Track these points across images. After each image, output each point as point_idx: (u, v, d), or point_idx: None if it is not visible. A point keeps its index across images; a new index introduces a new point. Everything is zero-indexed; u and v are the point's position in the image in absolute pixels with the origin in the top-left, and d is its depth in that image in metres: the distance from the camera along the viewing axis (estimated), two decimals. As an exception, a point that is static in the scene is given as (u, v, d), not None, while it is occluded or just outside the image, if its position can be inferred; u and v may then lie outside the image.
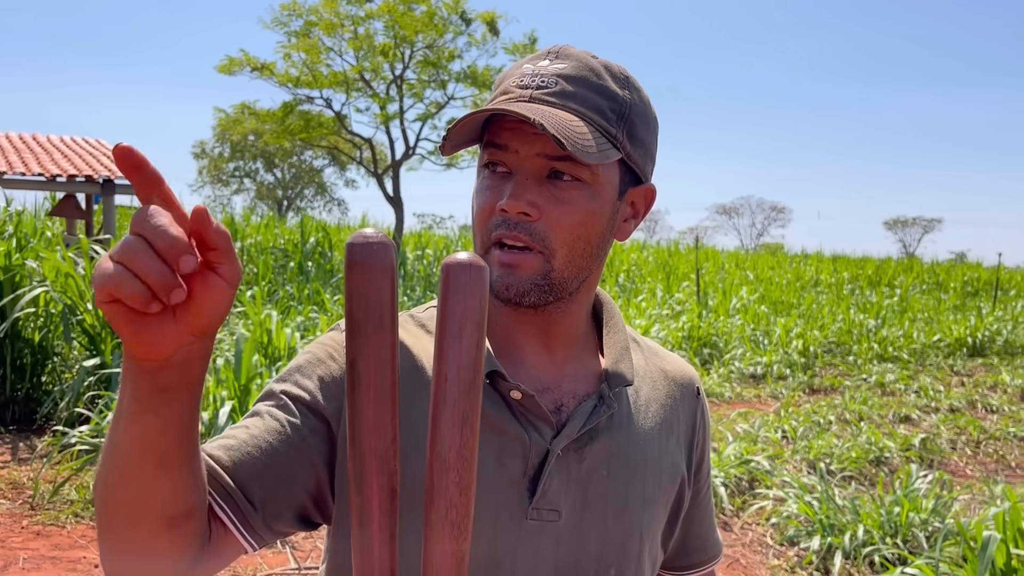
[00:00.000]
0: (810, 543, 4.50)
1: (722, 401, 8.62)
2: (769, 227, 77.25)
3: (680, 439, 1.03)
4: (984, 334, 13.79)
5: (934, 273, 25.64)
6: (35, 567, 3.83)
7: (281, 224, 20.21)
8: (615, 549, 0.93)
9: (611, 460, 0.93)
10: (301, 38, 16.91)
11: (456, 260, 0.60)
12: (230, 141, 36.87)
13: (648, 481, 0.96)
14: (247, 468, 0.81)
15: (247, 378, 5.04)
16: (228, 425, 4.62)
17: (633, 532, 0.94)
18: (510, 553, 0.87)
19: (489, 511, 0.85)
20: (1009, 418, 8.20)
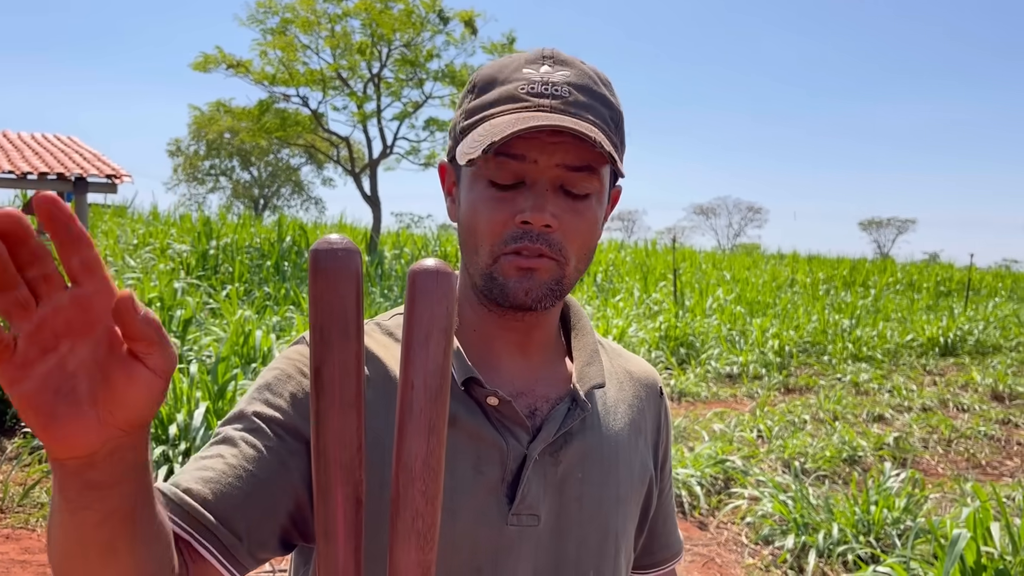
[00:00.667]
0: (784, 542, 4.52)
1: (698, 401, 8.66)
2: (746, 227, 77.72)
3: (647, 438, 1.04)
4: (956, 334, 13.94)
5: (907, 274, 25.88)
6: (4, 571, 3.79)
7: (257, 223, 20.08)
8: (593, 551, 0.93)
9: (585, 462, 0.93)
10: (277, 35, 16.77)
11: (423, 267, 0.60)
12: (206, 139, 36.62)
13: (621, 481, 0.97)
14: (228, 501, 0.78)
15: (223, 379, 5.01)
16: (203, 426, 4.61)
17: (609, 533, 0.95)
18: (491, 560, 0.87)
19: (469, 518, 0.85)
20: (980, 417, 8.29)
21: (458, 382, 0.87)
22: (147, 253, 12.67)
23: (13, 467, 5.22)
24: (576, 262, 0.88)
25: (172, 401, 4.85)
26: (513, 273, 0.85)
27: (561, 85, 0.85)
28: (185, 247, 13.48)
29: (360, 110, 17.29)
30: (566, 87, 0.85)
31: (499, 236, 0.85)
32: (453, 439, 0.83)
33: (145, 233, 15.24)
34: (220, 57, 16.80)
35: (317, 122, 18.12)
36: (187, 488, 0.77)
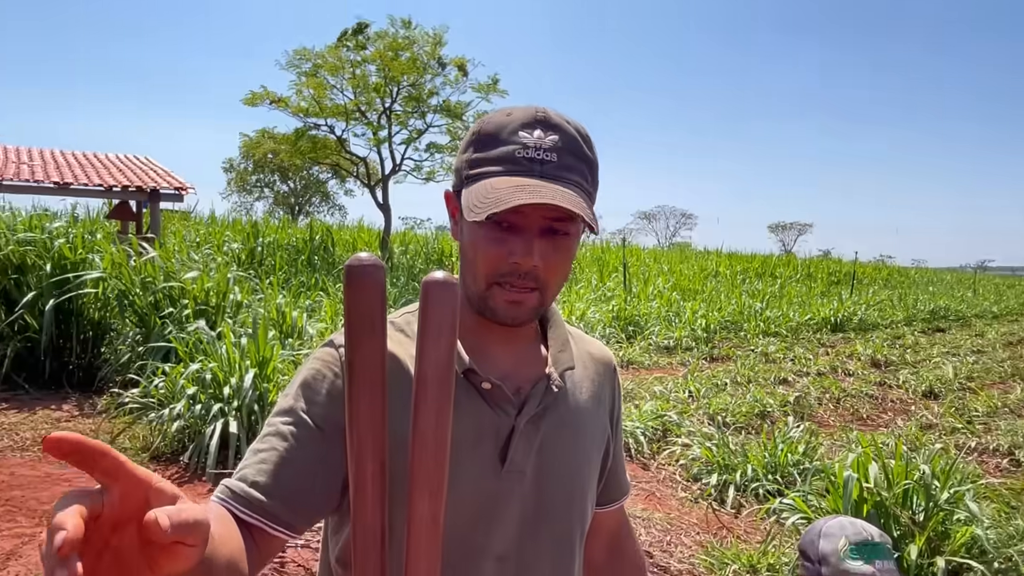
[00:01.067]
0: (710, 479, 4.55)
1: (642, 368, 8.70)
2: (679, 230, 77.92)
3: (605, 407, 1.04)
4: (844, 314, 14.09)
5: (806, 267, 26.09)
6: (93, 503, 3.76)
7: (293, 225, 19.96)
8: (565, 497, 0.94)
9: (560, 428, 0.93)
10: (310, 77, 16.74)
11: (434, 278, 0.59)
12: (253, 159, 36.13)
13: (586, 443, 0.98)
14: (284, 486, 0.80)
15: (265, 351, 4.97)
16: (251, 388, 4.57)
17: (577, 483, 0.96)
18: (490, 506, 0.88)
19: (472, 476, 0.86)
20: (862, 380, 8.36)
21: (459, 372, 0.87)
22: (207, 250, 12.54)
23: (103, 419, 5.19)
24: (555, 288, 0.88)
25: (227, 368, 4.81)
26: (503, 304, 0.85)
27: (550, 151, 0.84)
28: (237, 245, 13.36)
29: (375, 136, 17.35)
30: (553, 153, 0.84)
31: (493, 269, 0.84)
32: (457, 417, 0.82)
33: (205, 233, 15.09)
34: (265, 94, 16.80)
35: (341, 146, 18.19)
36: (253, 482, 0.79)
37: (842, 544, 1.38)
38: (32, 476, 4.12)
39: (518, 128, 0.85)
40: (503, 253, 0.83)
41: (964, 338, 13.36)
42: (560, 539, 0.94)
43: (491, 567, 0.88)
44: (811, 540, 1.44)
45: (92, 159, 14.51)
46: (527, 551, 0.90)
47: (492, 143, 0.85)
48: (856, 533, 1.40)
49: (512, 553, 0.89)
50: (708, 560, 3.40)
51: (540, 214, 0.82)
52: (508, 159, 0.83)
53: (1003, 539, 3.39)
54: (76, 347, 6.33)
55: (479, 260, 0.85)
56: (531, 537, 0.91)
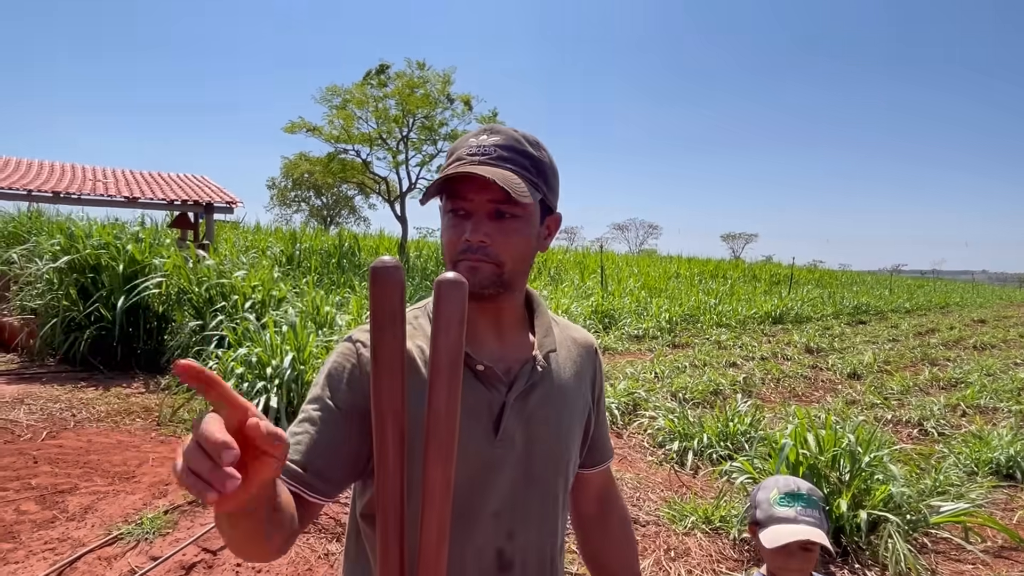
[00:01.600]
0: (672, 446, 4.55)
1: (616, 353, 8.70)
2: (647, 238, 77.94)
3: (586, 383, 1.03)
4: (783, 309, 14.11)
5: (751, 270, 26.14)
6: (160, 464, 3.74)
7: (326, 234, 19.89)
8: (551, 460, 0.93)
9: (545, 403, 0.92)
10: (340, 110, 16.71)
11: (446, 278, 0.59)
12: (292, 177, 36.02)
13: (569, 415, 0.97)
14: (317, 462, 0.81)
15: (302, 337, 4.94)
16: (289, 368, 4.54)
17: (561, 448, 0.95)
18: (484, 472, 0.87)
19: (470, 447, 0.85)
20: (797, 364, 8.37)
21: None
22: (253, 254, 12.49)
23: (165, 395, 5.16)
24: (512, 263, 0.87)
25: (270, 351, 4.78)
26: (464, 271, 0.86)
27: (489, 147, 0.85)
28: (278, 249, 13.31)
29: (394, 160, 17.35)
30: (492, 148, 0.85)
31: (455, 248, 0.86)
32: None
33: (252, 240, 15.03)
34: (302, 123, 16.77)
35: (366, 167, 18.17)
36: (292, 460, 0.80)
37: (773, 493, 1.41)
38: (106, 443, 4.10)
39: (470, 137, 0.89)
40: (458, 234, 0.85)
41: (882, 329, 13.41)
42: (546, 496, 0.93)
43: (488, 522, 0.88)
44: (755, 491, 1.47)
45: (156, 177, 14.43)
46: (518, 507, 0.90)
47: (452, 152, 0.89)
48: (786, 485, 1.43)
49: (505, 509, 0.89)
50: (671, 513, 3.40)
51: (484, 198, 0.84)
52: (457, 158, 0.87)
53: (914, 495, 3.40)
54: (143, 335, 6.31)
55: (444, 244, 0.88)
56: (521, 495, 0.90)
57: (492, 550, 0.88)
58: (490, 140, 0.86)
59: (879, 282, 33.25)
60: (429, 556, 0.58)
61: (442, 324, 0.58)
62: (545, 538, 0.93)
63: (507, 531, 0.89)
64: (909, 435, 5.45)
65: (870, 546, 3.05)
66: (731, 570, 2.87)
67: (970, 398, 6.60)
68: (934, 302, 22.47)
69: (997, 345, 11.76)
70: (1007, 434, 4.88)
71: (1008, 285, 62.88)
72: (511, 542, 0.89)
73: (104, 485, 3.40)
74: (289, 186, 39.74)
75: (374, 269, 0.57)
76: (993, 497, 4.00)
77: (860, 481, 3.24)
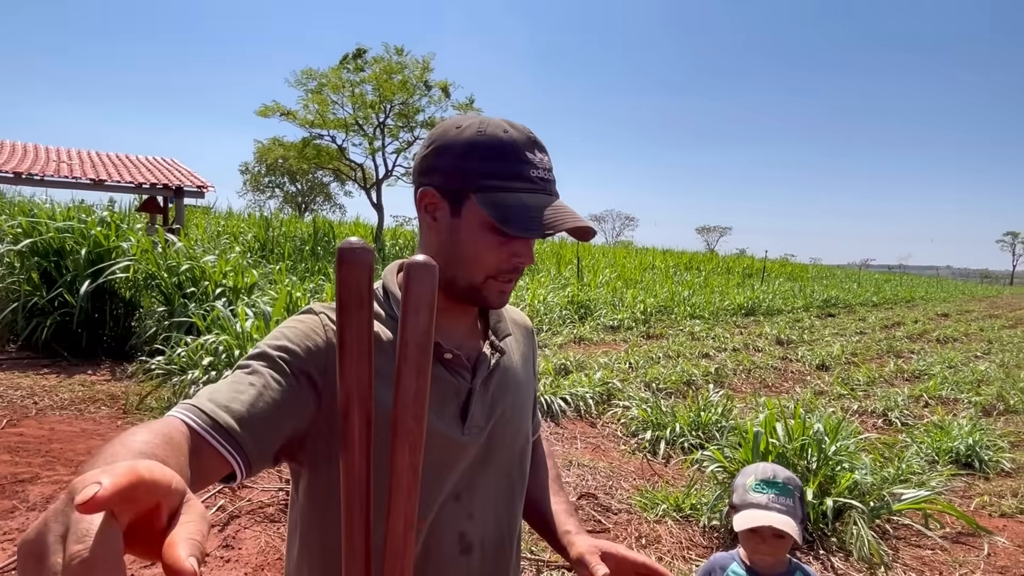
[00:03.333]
0: (645, 435, 4.59)
1: (591, 343, 8.74)
2: (624, 230, 78.52)
3: (530, 363, 1.05)
4: (755, 302, 14.32)
5: (725, 263, 26.47)
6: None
7: (300, 221, 19.62)
8: (511, 441, 0.94)
9: (505, 387, 0.93)
10: (315, 94, 16.41)
11: (415, 261, 0.57)
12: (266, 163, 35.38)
13: (523, 395, 0.98)
14: (256, 420, 0.71)
15: (274, 325, 4.86)
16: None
17: (520, 429, 0.96)
18: (450, 458, 0.86)
19: (439, 434, 0.85)
20: (768, 355, 8.51)
21: None
22: (225, 239, 12.25)
23: (131, 383, 5.05)
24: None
25: (239, 339, 4.70)
26: (495, 293, 0.85)
27: (550, 171, 0.84)
28: (251, 235, 13.09)
29: (370, 146, 17.10)
30: (552, 173, 0.84)
31: (495, 267, 0.83)
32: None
33: (224, 225, 14.73)
34: (276, 107, 16.43)
35: (341, 154, 17.90)
36: (226, 407, 0.70)
37: (750, 479, 1.45)
38: (70, 431, 3.99)
39: (523, 149, 0.82)
40: (507, 254, 0.83)
41: (850, 322, 13.69)
42: (504, 476, 0.94)
43: (450, 505, 0.87)
44: (739, 475, 1.51)
45: (124, 159, 14.06)
46: (478, 489, 0.90)
47: (501, 158, 0.80)
48: (763, 472, 1.47)
49: (465, 492, 0.88)
50: (643, 501, 3.44)
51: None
52: (526, 178, 0.81)
53: (877, 482, 3.48)
54: (109, 321, 6.15)
55: (485, 258, 0.82)
56: (480, 477, 0.90)
57: (454, 533, 0.87)
58: (547, 160, 0.84)
59: (848, 276, 33.93)
60: (396, 544, 0.57)
61: (412, 307, 0.56)
62: (504, 518, 0.94)
63: (467, 513, 0.89)
64: (874, 425, 5.59)
65: (836, 533, 3.12)
66: (700, 557, 2.91)
67: (932, 389, 6.78)
68: (900, 296, 23.02)
69: (959, 338, 12.10)
70: (966, 424, 5.03)
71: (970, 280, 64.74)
72: (471, 523, 0.89)
73: (67, 474, 3.31)
74: (263, 171, 39.03)
75: (341, 250, 0.55)
76: (952, 485, 4.13)
77: (827, 469, 3.31)
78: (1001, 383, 7.34)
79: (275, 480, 3.37)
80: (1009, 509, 3.77)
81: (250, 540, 2.78)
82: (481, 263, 0.83)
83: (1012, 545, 3.28)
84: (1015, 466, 4.58)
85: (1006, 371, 8.40)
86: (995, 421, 5.88)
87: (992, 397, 6.63)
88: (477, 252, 0.82)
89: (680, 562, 2.86)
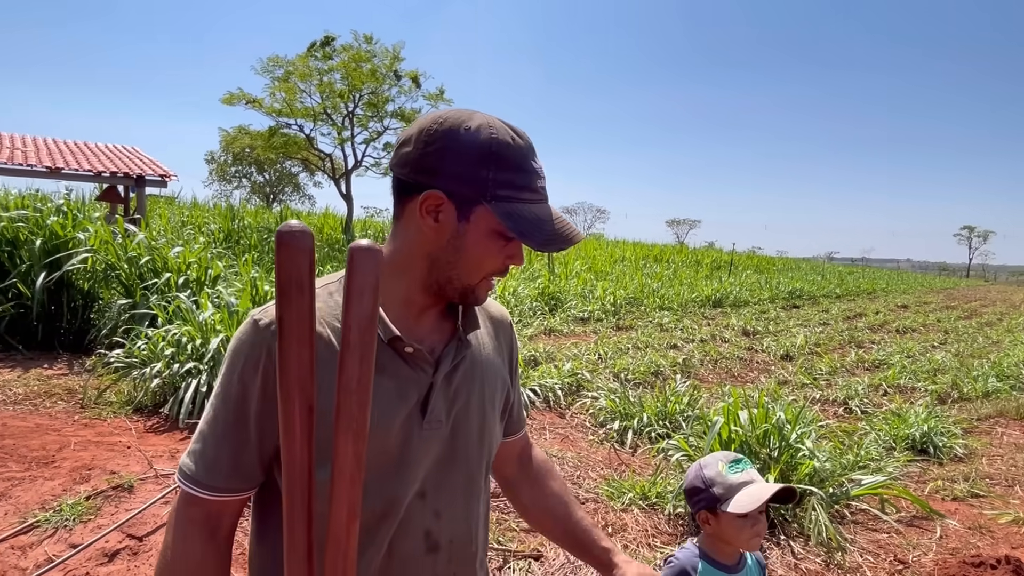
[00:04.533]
0: (613, 425, 4.62)
1: (562, 335, 8.77)
2: (595, 223, 78.94)
3: (504, 358, 1.03)
4: (722, 293, 14.53)
5: (694, 255, 26.80)
6: (83, 448, 3.55)
7: (268, 211, 19.25)
8: (475, 438, 0.93)
9: (469, 381, 0.92)
10: (282, 82, 16.08)
11: (359, 245, 0.55)
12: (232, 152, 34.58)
13: (491, 391, 0.96)
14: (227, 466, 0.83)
15: (237, 316, 4.77)
16: (217, 348, 4.37)
17: (485, 425, 0.95)
18: (413, 453, 0.85)
19: (398, 428, 0.84)
20: (734, 346, 8.64)
21: (384, 339, 0.83)
22: (189, 230, 11.97)
23: (90, 376, 4.91)
24: None
25: (203, 331, 4.60)
26: (484, 292, 0.88)
27: (544, 179, 0.85)
28: (216, 225, 12.81)
29: (339, 136, 16.87)
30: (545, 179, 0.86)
31: (490, 269, 0.85)
32: (383, 380, 0.82)
33: (188, 215, 14.39)
34: (241, 95, 16.08)
35: (309, 143, 17.61)
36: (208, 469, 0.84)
37: (720, 466, 1.42)
38: (23, 427, 3.86)
39: (528, 158, 0.83)
40: (504, 257, 0.85)
41: (813, 313, 13.99)
42: (469, 473, 0.93)
43: (415, 503, 0.86)
44: (695, 476, 1.45)
45: (83, 147, 13.62)
46: (443, 486, 0.89)
47: (511, 168, 0.81)
48: (725, 455, 1.46)
49: (431, 489, 0.88)
50: (610, 490, 3.47)
51: None
52: (532, 188, 0.83)
53: (837, 469, 3.57)
54: (67, 314, 5.96)
55: (486, 260, 0.84)
56: (445, 474, 0.89)
57: (420, 532, 0.87)
58: (542, 167, 0.86)
59: (813, 268, 34.69)
60: (339, 534, 0.56)
61: (355, 293, 0.55)
62: (470, 515, 0.93)
63: (433, 511, 0.88)
64: (835, 413, 5.73)
65: (796, 518, 3.19)
66: (665, 544, 2.95)
67: (891, 378, 6.98)
68: (862, 288, 23.62)
69: (917, 329, 12.47)
70: (922, 412, 5.19)
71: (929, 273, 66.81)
72: (438, 522, 0.88)
73: (20, 471, 3.20)
74: (229, 161, 38.19)
75: (279, 233, 0.53)
76: (908, 470, 4.26)
77: (788, 456, 3.38)
78: (955, 372, 7.59)
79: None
80: (961, 493, 3.90)
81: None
82: (483, 267, 0.85)
83: (963, 527, 3.40)
84: (967, 452, 4.74)
85: (960, 360, 8.69)
86: (949, 408, 6.08)
87: (947, 385, 6.85)
88: (481, 257, 0.84)
89: (645, 549, 2.90)
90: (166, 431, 3.94)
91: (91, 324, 5.94)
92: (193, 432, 0.86)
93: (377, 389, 0.80)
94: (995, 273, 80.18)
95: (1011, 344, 10.68)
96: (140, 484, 3.10)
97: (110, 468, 3.27)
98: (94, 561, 2.45)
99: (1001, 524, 3.48)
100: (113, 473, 3.21)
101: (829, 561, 2.90)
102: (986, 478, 4.21)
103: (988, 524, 3.47)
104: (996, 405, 6.19)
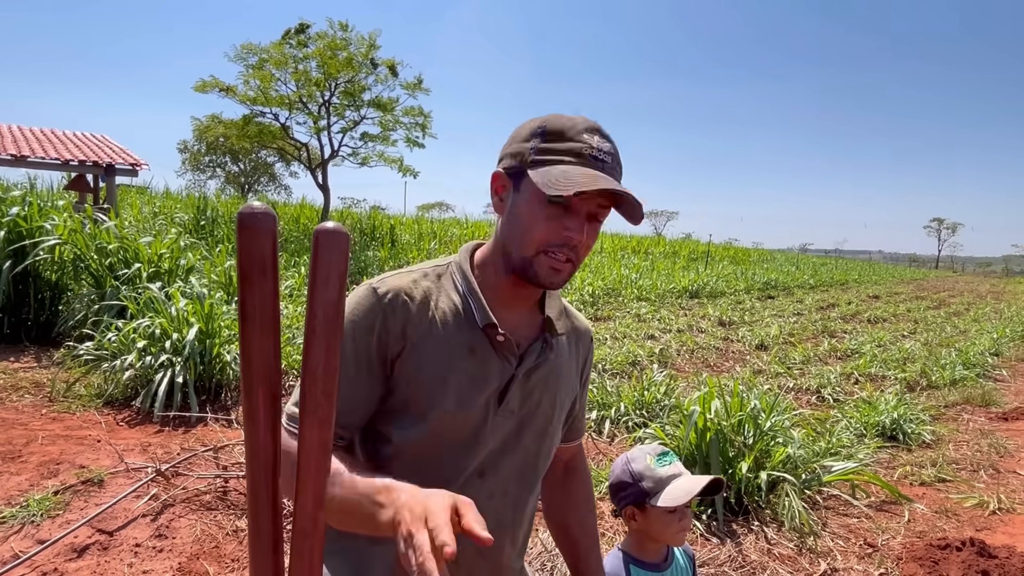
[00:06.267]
0: (591, 415, 4.64)
1: (540, 325, 8.77)
2: (574, 214, 78.92)
3: (577, 368, 1.09)
4: (699, 284, 14.67)
5: (672, 246, 27.00)
6: (51, 443, 3.47)
7: (243, 202, 18.93)
8: (538, 435, 0.99)
9: (544, 381, 0.97)
10: (256, 70, 15.73)
11: (325, 228, 0.53)
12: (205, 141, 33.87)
13: (561, 395, 1.02)
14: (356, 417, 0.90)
15: (209, 309, 4.68)
16: (195, 339, 4.30)
17: (549, 426, 1.00)
18: (484, 435, 0.92)
19: (475, 409, 0.90)
20: (711, 336, 8.72)
21: (479, 324, 0.90)
22: (161, 220, 11.73)
23: (59, 369, 4.79)
24: (580, 262, 0.91)
25: (174, 323, 4.51)
26: (545, 269, 0.88)
27: (607, 155, 0.86)
28: (187, 216, 12.56)
29: (315, 125, 16.55)
30: (609, 156, 0.86)
31: (547, 239, 0.86)
32: (473, 361, 0.89)
33: (160, 205, 14.10)
34: (214, 83, 15.67)
35: (285, 132, 17.28)
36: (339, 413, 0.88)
37: (649, 460, 1.41)
38: (-12, 421, 3.76)
39: (582, 131, 0.86)
40: (559, 227, 0.86)
41: (788, 304, 14.20)
42: (526, 466, 0.99)
43: (474, 480, 0.92)
44: (622, 472, 1.42)
45: (49, 135, 13.24)
46: (501, 471, 0.95)
47: (559, 138, 0.86)
48: (653, 449, 1.43)
49: (490, 471, 0.94)
50: (587, 479, 3.48)
51: (594, 202, 0.86)
52: (577, 154, 0.85)
53: (809, 456, 3.63)
54: (34, 305, 5.81)
55: (536, 230, 0.86)
56: (505, 462, 0.95)
57: None
58: (606, 146, 0.87)
59: (788, 260, 35.18)
60: (305, 524, 0.55)
61: (321, 277, 0.53)
62: (520, 504, 0.99)
63: (488, 491, 0.93)
64: (808, 401, 5.83)
65: (769, 504, 3.25)
66: (642, 531, 2.98)
67: (863, 367, 7.11)
68: (835, 279, 24.02)
69: (888, 319, 12.73)
70: (892, 399, 5.30)
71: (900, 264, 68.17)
72: (490, 501, 0.93)
73: (-15, 466, 3.12)
74: (203, 150, 37.39)
75: (241, 215, 0.51)
76: (878, 457, 4.35)
77: (762, 444, 3.43)
78: (924, 360, 7.76)
79: (212, 467, 3.27)
80: (928, 478, 4.00)
81: (185, 529, 2.69)
82: (532, 235, 0.87)
83: (930, 511, 3.49)
84: (935, 438, 4.86)
85: (929, 349, 8.89)
86: (918, 396, 6.22)
87: (916, 374, 7.01)
88: (529, 224, 0.87)
89: (621, 537, 2.93)
90: (138, 424, 3.87)
91: (59, 316, 5.80)
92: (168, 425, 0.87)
93: (467, 369, 0.88)
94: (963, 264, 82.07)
95: (977, 333, 10.96)
96: (110, 478, 3.04)
97: (79, 462, 3.20)
98: (63, 557, 2.40)
99: (966, 508, 3.58)
100: (82, 467, 3.14)
101: (801, 546, 2.96)
102: (952, 463, 4.32)
103: (954, 508, 3.56)
104: (963, 392, 6.36)
